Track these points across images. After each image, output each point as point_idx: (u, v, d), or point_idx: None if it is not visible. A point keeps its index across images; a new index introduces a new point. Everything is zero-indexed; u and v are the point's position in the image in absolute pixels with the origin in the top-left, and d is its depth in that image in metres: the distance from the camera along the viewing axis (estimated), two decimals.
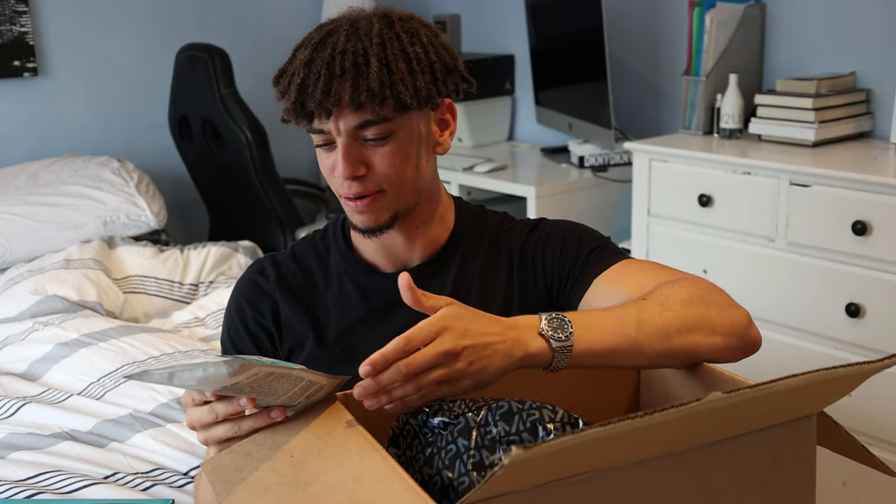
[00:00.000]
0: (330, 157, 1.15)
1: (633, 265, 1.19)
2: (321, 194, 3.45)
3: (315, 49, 1.12)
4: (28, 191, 2.81)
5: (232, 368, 0.83)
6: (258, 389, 0.90)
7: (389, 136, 1.13)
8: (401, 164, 1.15)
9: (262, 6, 3.55)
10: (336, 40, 1.11)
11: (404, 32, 1.14)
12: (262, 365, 0.86)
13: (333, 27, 1.14)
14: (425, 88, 1.13)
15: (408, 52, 1.12)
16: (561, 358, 0.96)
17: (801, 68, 2.51)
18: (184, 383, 0.87)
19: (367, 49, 1.10)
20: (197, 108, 2.99)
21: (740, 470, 0.88)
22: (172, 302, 2.59)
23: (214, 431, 0.97)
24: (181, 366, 0.84)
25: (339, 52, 1.10)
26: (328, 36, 1.13)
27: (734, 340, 1.04)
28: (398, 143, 1.14)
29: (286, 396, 0.93)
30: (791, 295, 2.15)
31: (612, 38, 2.69)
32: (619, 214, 2.85)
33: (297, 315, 1.23)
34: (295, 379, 0.90)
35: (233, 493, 0.85)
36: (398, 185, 1.16)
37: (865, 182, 1.99)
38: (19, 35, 3.06)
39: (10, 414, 1.88)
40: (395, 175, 1.15)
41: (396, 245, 1.23)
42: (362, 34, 1.11)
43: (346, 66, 1.09)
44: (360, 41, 1.11)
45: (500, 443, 0.88)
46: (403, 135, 1.14)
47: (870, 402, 1.94)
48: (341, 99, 1.09)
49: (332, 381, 0.96)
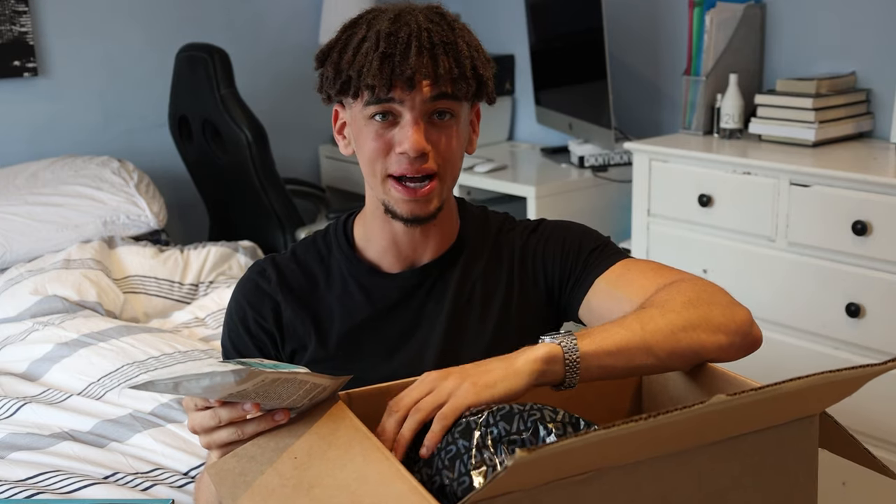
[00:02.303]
0: (387, 134, 1.13)
1: (633, 265, 1.19)
2: (321, 194, 3.45)
3: (393, 23, 1.11)
4: (28, 191, 2.81)
5: (239, 377, 0.83)
6: (263, 395, 0.90)
7: (455, 117, 1.14)
8: (457, 148, 1.16)
9: (262, 7, 3.55)
10: (416, 18, 1.11)
11: (464, 28, 1.16)
12: (268, 372, 0.86)
13: (400, 9, 1.14)
14: (488, 82, 1.15)
15: (478, 45, 1.15)
16: (572, 364, 0.96)
17: (801, 68, 2.51)
18: (189, 392, 0.86)
19: (448, 32, 1.12)
20: (197, 108, 2.99)
21: (742, 469, 0.89)
22: (172, 302, 2.59)
23: (217, 436, 0.96)
24: (187, 375, 0.84)
25: (425, 29, 1.10)
26: (400, 14, 1.12)
27: (737, 338, 1.04)
28: (458, 128, 1.15)
29: (290, 400, 0.93)
30: (791, 295, 2.16)
31: (612, 38, 2.69)
32: (619, 214, 2.85)
33: (300, 316, 1.22)
34: (299, 383, 0.90)
35: (238, 498, 0.85)
36: (450, 171, 1.16)
37: (865, 182, 1.99)
38: (19, 35, 3.06)
39: (10, 414, 1.88)
40: (452, 159, 1.15)
41: (413, 240, 1.22)
42: (437, 19, 1.13)
43: (434, 41, 1.10)
44: (438, 24, 1.12)
45: (501, 443, 0.88)
46: (460, 121, 1.16)
47: (870, 402, 1.94)
48: (432, 71, 1.09)
49: (335, 382, 0.96)
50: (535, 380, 0.95)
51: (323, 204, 3.39)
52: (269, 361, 0.97)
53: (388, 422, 0.93)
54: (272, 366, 0.91)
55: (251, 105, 2.90)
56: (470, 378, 0.93)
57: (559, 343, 0.96)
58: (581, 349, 0.96)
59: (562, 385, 0.97)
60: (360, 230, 1.26)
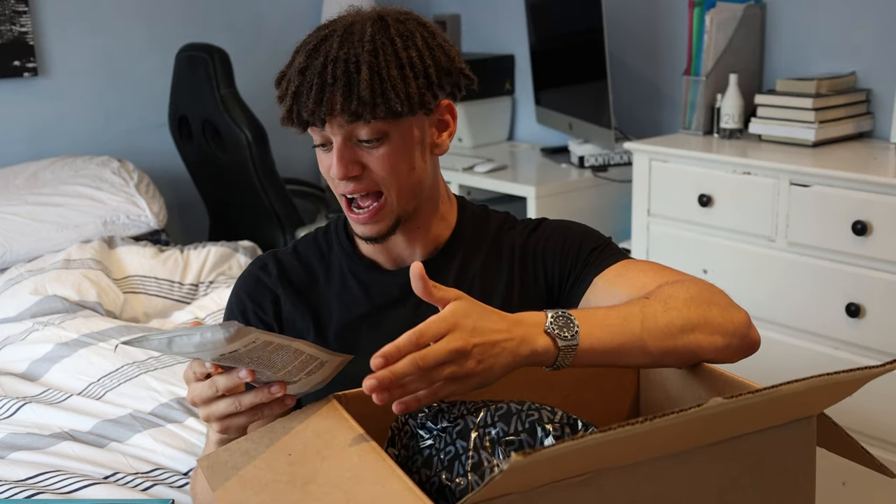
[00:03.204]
0: (328, 158, 1.16)
1: (633, 265, 1.19)
2: (321, 194, 3.45)
3: (309, 56, 1.13)
4: (28, 191, 2.81)
5: (228, 333, 0.83)
6: (257, 360, 0.90)
7: (383, 139, 1.14)
8: (396, 166, 1.15)
9: (262, 6, 3.55)
10: (329, 47, 1.12)
11: (398, 36, 1.14)
12: (260, 332, 0.86)
13: (329, 31, 1.15)
14: (418, 94, 1.13)
15: (400, 58, 1.12)
16: (566, 357, 0.95)
17: (801, 68, 2.51)
18: (182, 349, 0.87)
19: (358, 56, 1.11)
20: (197, 108, 2.99)
21: (741, 470, 0.89)
22: (172, 302, 2.59)
23: (215, 407, 0.98)
24: (179, 332, 0.85)
25: (332, 60, 1.10)
26: (322, 42, 1.13)
27: (735, 340, 1.04)
28: (392, 146, 1.14)
29: (285, 371, 0.93)
30: (791, 295, 2.15)
31: (612, 38, 2.69)
32: (619, 214, 2.85)
33: (299, 311, 1.24)
34: (294, 352, 0.91)
35: (229, 490, 0.85)
36: (395, 188, 1.16)
37: (865, 182, 1.99)
38: (19, 35, 3.06)
39: (10, 414, 1.88)
40: (391, 177, 1.15)
41: (397, 246, 1.24)
42: (355, 40, 1.12)
43: (337, 74, 1.10)
44: (352, 47, 1.11)
45: (499, 444, 0.88)
46: (397, 138, 1.15)
47: (869, 402, 1.94)
48: (333, 108, 1.10)
49: (333, 359, 0.96)
50: (526, 365, 0.95)
51: (322, 204, 3.39)
52: (272, 333, 0.97)
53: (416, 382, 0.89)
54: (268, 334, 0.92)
55: (251, 105, 2.90)
56: (483, 364, 0.91)
57: (558, 343, 0.95)
58: (579, 346, 0.96)
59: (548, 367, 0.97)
60: None
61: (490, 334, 0.92)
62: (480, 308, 0.93)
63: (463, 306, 0.92)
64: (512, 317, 0.95)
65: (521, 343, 0.93)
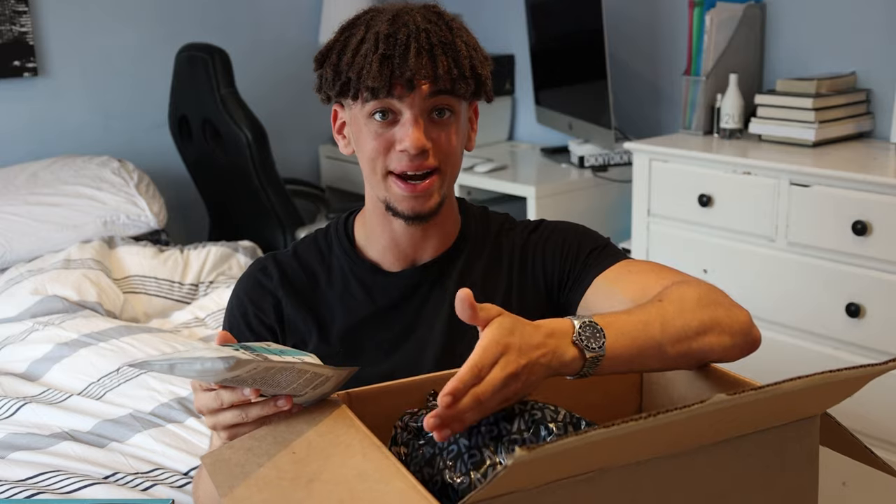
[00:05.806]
0: (387, 132, 1.14)
1: (633, 266, 1.19)
2: (321, 194, 3.45)
3: (391, 24, 1.11)
4: (28, 191, 2.81)
5: (228, 365, 0.83)
6: (261, 381, 0.90)
7: (455, 116, 1.15)
8: (457, 147, 1.17)
9: (262, 6, 3.55)
10: (414, 19, 1.12)
11: (462, 28, 1.16)
12: (259, 360, 0.86)
13: (397, 9, 1.14)
14: (486, 81, 1.17)
15: (476, 44, 1.16)
16: (591, 367, 0.94)
17: (801, 68, 2.51)
18: (184, 374, 0.87)
19: (446, 32, 1.12)
20: (197, 107, 2.99)
21: (744, 470, 0.88)
22: (172, 302, 2.59)
23: (222, 417, 0.97)
24: (181, 358, 0.85)
25: (423, 30, 1.11)
26: (399, 15, 1.13)
27: (739, 339, 1.04)
28: (458, 125, 1.17)
29: (291, 388, 0.93)
30: (791, 295, 2.15)
31: (612, 39, 2.69)
32: (619, 214, 2.85)
33: (301, 313, 1.23)
34: (298, 371, 0.90)
35: (233, 488, 0.85)
36: (451, 167, 1.17)
37: (865, 182, 1.99)
38: (19, 35, 3.06)
39: (10, 414, 1.88)
40: (452, 155, 1.16)
41: (413, 239, 1.22)
42: (435, 18, 1.13)
43: (432, 41, 1.11)
44: (436, 24, 1.12)
45: (502, 443, 0.88)
46: (462, 119, 1.18)
47: (871, 402, 1.94)
48: (431, 71, 1.10)
49: (339, 373, 0.96)
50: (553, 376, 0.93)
51: (323, 204, 3.39)
52: (275, 346, 0.97)
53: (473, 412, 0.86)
54: (278, 351, 0.91)
55: (251, 105, 2.90)
56: (525, 382, 0.89)
57: (586, 354, 0.93)
58: (606, 354, 0.94)
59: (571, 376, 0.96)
60: (360, 229, 1.26)
61: (532, 351, 0.89)
62: (519, 322, 0.91)
63: (507, 324, 0.89)
64: (544, 327, 0.92)
65: (553, 356, 0.91)
